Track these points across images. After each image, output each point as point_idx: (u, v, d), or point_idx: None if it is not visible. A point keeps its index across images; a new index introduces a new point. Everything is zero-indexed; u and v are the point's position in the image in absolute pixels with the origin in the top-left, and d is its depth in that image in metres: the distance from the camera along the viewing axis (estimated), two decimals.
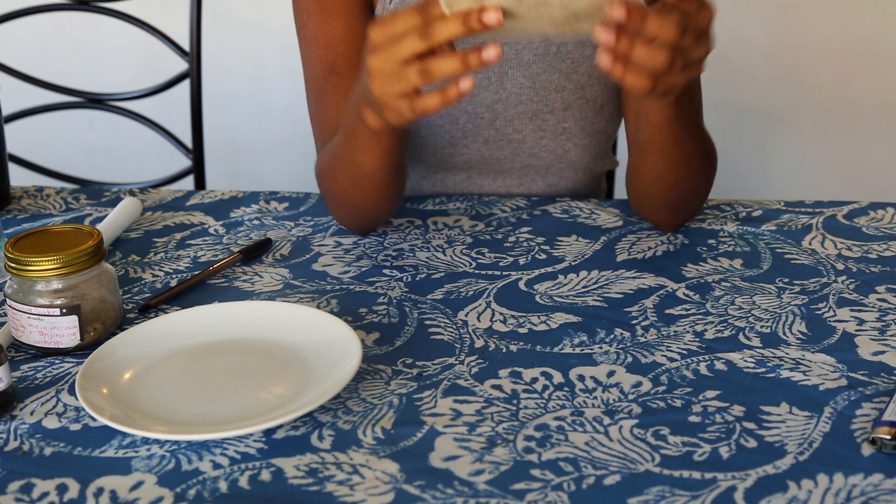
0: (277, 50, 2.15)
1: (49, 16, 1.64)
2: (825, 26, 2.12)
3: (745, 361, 0.85)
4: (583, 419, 0.78)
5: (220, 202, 1.21)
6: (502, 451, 0.74)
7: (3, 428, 0.78)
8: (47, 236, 0.90)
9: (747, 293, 0.96)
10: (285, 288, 1.00)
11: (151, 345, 0.87)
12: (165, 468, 0.73)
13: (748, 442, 0.75)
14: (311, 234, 1.12)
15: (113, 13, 1.58)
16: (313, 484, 0.71)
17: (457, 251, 1.07)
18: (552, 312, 0.94)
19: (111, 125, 1.93)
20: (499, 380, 0.83)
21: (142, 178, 1.71)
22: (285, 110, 2.19)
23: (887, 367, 0.84)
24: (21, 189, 1.26)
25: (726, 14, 2.25)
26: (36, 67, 1.71)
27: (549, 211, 1.16)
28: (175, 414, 0.79)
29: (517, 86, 1.16)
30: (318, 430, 0.77)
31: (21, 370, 0.86)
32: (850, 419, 0.77)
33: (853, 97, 2.17)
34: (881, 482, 0.70)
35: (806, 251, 1.05)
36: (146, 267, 1.05)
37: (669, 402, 0.80)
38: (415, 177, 1.24)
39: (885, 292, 0.96)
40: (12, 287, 0.88)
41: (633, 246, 1.07)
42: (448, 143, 1.18)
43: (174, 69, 1.66)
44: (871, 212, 1.13)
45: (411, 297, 0.97)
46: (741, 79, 2.17)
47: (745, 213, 1.14)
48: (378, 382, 0.83)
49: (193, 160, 1.63)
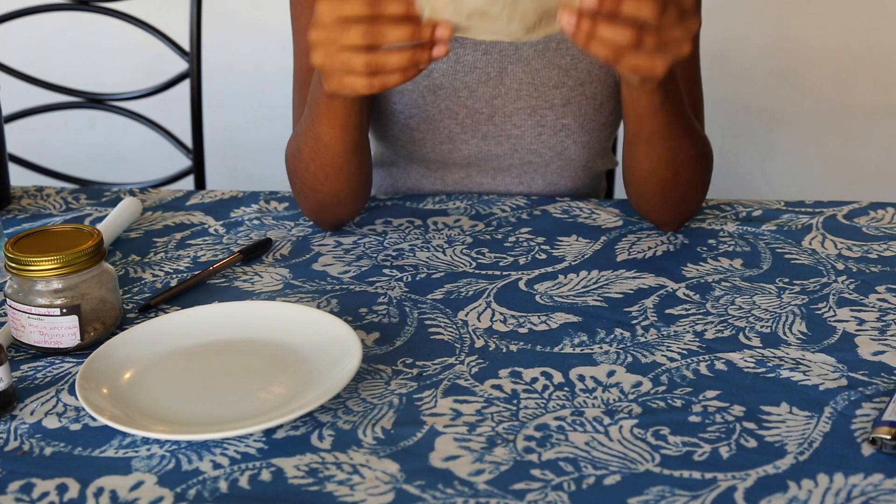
0: (277, 49, 2.15)
1: (49, 16, 1.64)
2: (825, 26, 2.12)
3: (746, 361, 0.85)
4: (583, 419, 0.78)
5: (220, 202, 1.21)
6: (502, 451, 0.74)
7: (3, 428, 0.78)
8: (47, 236, 0.90)
9: (747, 293, 0.96)
10: (285, 288, 1.00)
11: (151, 345, 0.87)
12: (165, 468, 0.73)
13: (748, 442, 0.75)
14: (311, 234, 1.12)
15: (113, 13, 1.58)
16: (313, 484, 0.71)
17: (457, 251, 1.07)
18: (552, 312, 0.94)
19: (111, 125, 1.93)
20: (499, 380, 0.83)
21: (142, 178, 1.71)
22: (285, 110, 2.18)
23: (887, 367, 0.84)
24: (21, 189, 1.26)
25: (726, 14, 2.26)
26: (36, 67, 1.71)
27: (549, 211, 1.16)
28: (175, 414, 0.79)
29: (516, 81, 1.16)
30: (318, 430, 0.77)
31: (21, 370, 0.86)
32: (850, 419, 0.77)
33: (853, 97, 2.17)
34: (881, 482, 0.70)
35: (806, 251, 1.05)
36: (146, 267, 1.05)
37: (669, 402, 0.80)
38: (414, 175, 1.25)
39: (885, 292, 0.96)
40: (12, 287, 0.88)
41: (634, 246, 1.07)
42: (447, 138, 1.18)
43: (174, 69, 1.66)
44: (871, 212, 1.13)
45: (411, 296, 0.97)
46: (741, 78, 2.17)
47: (745, 213, 1.14)
48: (378, 382, 0.83)
49: (193, 160, 1.63)
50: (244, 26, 2.19)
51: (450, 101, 1.16)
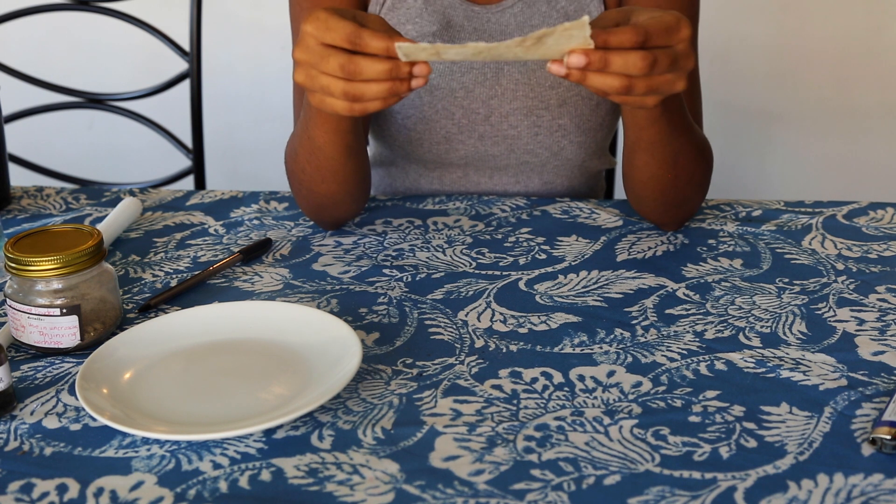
0: (277, 49, 2.15)
1: (49, 16, 1.65)
2: (824, 26, 2.12)
3: (745, 361, 0.85)
4: (583, 419, 0.78)
5: (220, 202, 1.21)
6: (502, 451, 0.74)
7: (3, 428, 0.78)
8: (47, 236, 0.90)
9: (747, 293, 0.96)
10: (285, 288, 1.00)
11: (151, 345, 0.87)
12: (165, 468, 0.73)
13: (748, 442, 0.75)
14: (311, 234, 1.12)
15: (113, 13, 1.58)
16: (313, 484, 0.71)
17: (457, 251, 1.07)
18: (552, 312, 0.94)
19: (111, 125, 1.93)
20: (499, 380, 0.83)
21: (142, 178, 1.71)
22: (285, 110, 2.18)
23: (887, 367, 0.84)
24: (21, 189, 1.26)
25: (726, 14, 2.26)
26: (36, 67, 1.71)
27: (548, 211, 1.16)
28: (175, 414, 0.79)
29: (513, 82, 1.16)
30: (318, 430, 0.77)
31: (21, 370, 0.86)
32: (850, 419, 0.77)
33: (852, 97, 2.17)
34: (881, 482, 0.70)
35: (806, 251, 1.05)
36: (146, 267, 1.05)
37: (669, 402, 0.80)
38: (412, 175, 1.25)
39: (885, 292, 0.96)
40: (12, 287, 0.88)
41: (633, 246, 1.07)
42: (444, 138, 1.18)
43: (174, 69, 1.66)
44: (871, 212, 1.13)
45: (411, 297, 0.97)
46: (741, 79, 2.17)
47: (745, 213, 1.14)
48: (378, 382, 0.83)
49: (193, 160, 1.63)
50: (244, 26, 2.20)
51: (446, 102, 1.17)
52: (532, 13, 1.15)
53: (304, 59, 0.85)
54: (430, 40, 1.15)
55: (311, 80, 0.86)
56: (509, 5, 1.15)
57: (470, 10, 1.15)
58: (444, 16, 1.15)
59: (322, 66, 0.84)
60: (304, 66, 0.85)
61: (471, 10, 1.15)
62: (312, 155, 1.03)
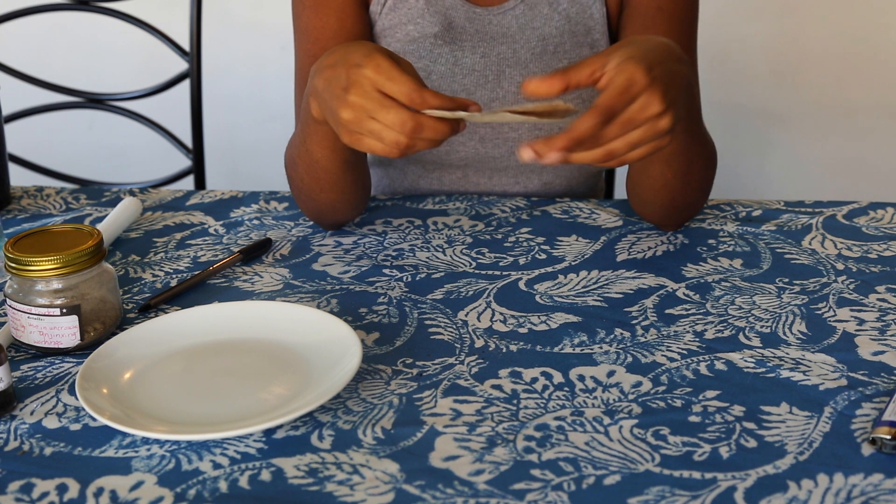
0: (277, 49, 2.15)
1: (49, 16, 1.64)
2: (824, 26, 2.12)
3: (745, 361, 0.85)
4: (583, 419, 0.78)
5: (220, 202, 1.21)
6: (502, 451, 0.74)
7: (3, 428, 0.78)
8: (47, 236, 0.90)
9: (747, 293, 0.96)
10: (285, 288, 1.00)
11: (151, 345, 0.87)
12: (165, 468, 0.73)
13: (748, 442, 0.75)
14: (311, 234, 1.12)
15: (113, 13, 1.58)
16: (313, 484, 0.71)
17: (457, 251, 1.07)
18: (552, 312, 0.94)
19: (111, 125, 1.93)
20: (499, 380, 0.83)
21: (142, 178, 1.71)
22: (285, 110, 2.18)
23: (887, 367, 0.84)
24: (21, 189, 1.26)
25: (726, 14, 2.26)
26: (36, 67, 1.71)
27: (548, 211, 1.16)
28: (175, 414, 0.79)
29: (514, 85, 1.16)
30: (318, 430, 0.77)
31: (21, 370, 0.86)
32: (850, 419, 0.77)
33: (852, 97, 2.17)
34: (881, 482, 0.70)
35: (806, 251, 1.05)
36: (146, 267, 1.05)
37: (669, 402, 0.80)
38: (412, 175, 1.25)
39: (885, 292, 0.96)
40: (12, 287, 0.88)
41: (633, 246, 1.07)
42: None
43: (174, 69, 1.66)
44: (870, 212, 1.13)
45: (411, 296, 0.97)
46: (741, 79, 2.17)
47: (745, 213, 1.14)
48: (378, 382, 0.83)
49: (193, 160, 1.63)
50: (244, 26, 2.20)
51: None
52: (534, 15, 1.15)
53: (358, 103, 0.85)
54: (431, 41, 1.15)
55: (360, 124, 0.86)
56: (511, 7, 1.15)
57: (471, 12, 1.15)
58: (446, 17, 1.15)
59: (378, 115, 0.84)
60: (356, 109, 0.85)
61: (472, 11, 1.15)
62: (310, 167, 1.03)
